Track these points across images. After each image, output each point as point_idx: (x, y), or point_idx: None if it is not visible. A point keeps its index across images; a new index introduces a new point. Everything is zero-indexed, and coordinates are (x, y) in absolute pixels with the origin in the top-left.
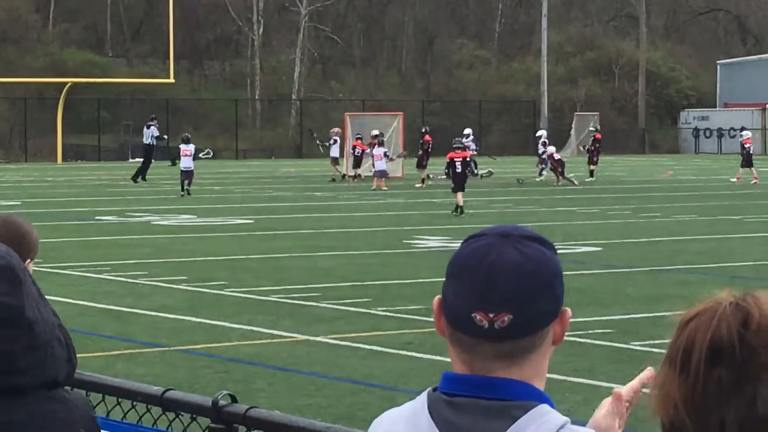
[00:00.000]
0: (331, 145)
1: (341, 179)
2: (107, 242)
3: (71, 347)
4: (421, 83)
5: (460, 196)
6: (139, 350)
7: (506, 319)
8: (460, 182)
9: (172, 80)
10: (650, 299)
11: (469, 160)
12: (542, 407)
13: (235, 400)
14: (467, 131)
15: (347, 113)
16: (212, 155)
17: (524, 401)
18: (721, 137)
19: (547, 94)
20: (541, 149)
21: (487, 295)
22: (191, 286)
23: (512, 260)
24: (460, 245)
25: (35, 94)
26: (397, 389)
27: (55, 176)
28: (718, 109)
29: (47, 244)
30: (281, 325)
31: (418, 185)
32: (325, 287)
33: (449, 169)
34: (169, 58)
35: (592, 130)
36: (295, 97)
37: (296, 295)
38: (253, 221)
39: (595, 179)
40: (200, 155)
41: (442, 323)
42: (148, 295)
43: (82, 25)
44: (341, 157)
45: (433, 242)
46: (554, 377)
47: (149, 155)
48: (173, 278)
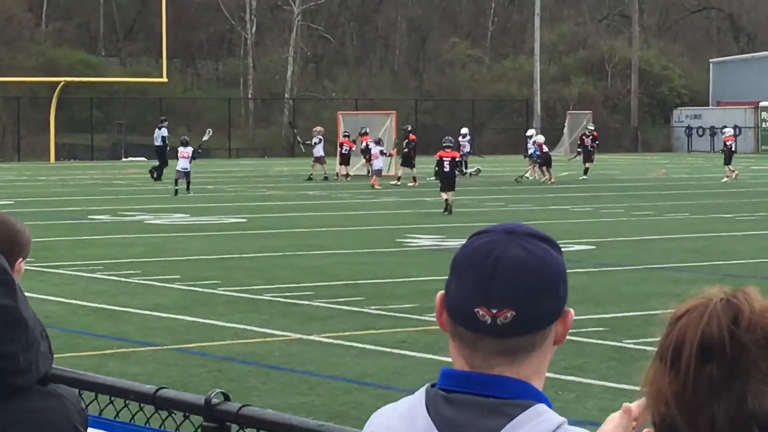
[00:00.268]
0: (316, 144)
1: (322, 179)
2: (100, 241)
3: (48, 337)
4: (413, 82)
5: (450, 194)
6: (132, 349)
7: (509, 315)
8: (447, 181)
9: (165, 79)
10: (643, 297)
11: (458, 160)
12: (539, 406)
13: (228, 398)
14: (464, 131)
15: (340, 112)
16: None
17: (522, 400)
18: (713, 135)
19: (539, 93)
20: (531, 149)
21: (490, 290)
22: (184, 285)
23: (517, 257)
24: (465, 241)
25: (28, 93)
26: (390, 387)
27: (48, 175)
28: (710, 107)
29: (40, 243)
30: (274, 323)
31: (410, 184)
32: (318, 286)
33: (438, 167)
34: (162, 57)
35: (591, 128)
36: (288, 96)
37: (289, 293)
38: (246, 220)
39: (587, 177)
40: (203, 138)
41: (443, 318)
42: (141, 294)
43: (74, 24)
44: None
45: (425, 241)
46: (546, 375)
47: (162, 156)
48: (166, 277)
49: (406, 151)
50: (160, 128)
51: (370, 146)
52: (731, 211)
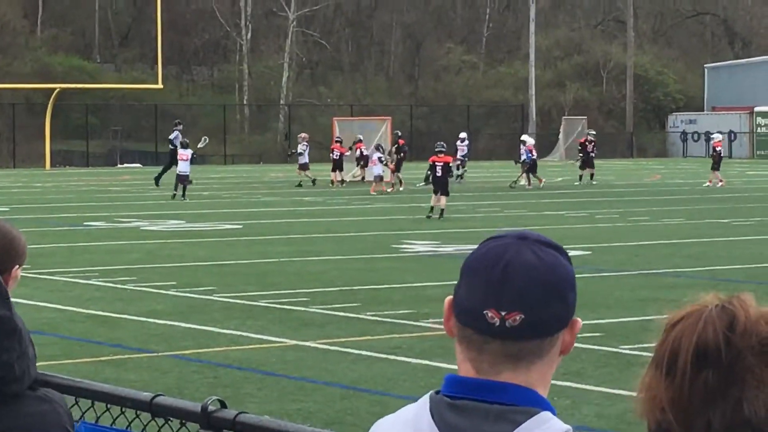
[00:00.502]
0: (303, 152)
1: (311, 183)
2: (96, 248)
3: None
4: (408, 88)
5: (444, 200)
6: (128, 356)
7: (518, 318)
8: (440, 186)
9: (160, 86)
10: (639, 303)
11: (450, 165)
12: (545, 414)
13: (224, 405)
14: (462, 135)
15: (335, 118)
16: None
17: (527, 407)
18: (708, 141)
19: (535, 98)
20: (523, 155)
21: (500, 292)
22: (180, 291)
23: (528, 261)
24: (477, 245)
25: (23, 100)
26: (386, 394)
27: (43, 182)
28: (705, 112)
29: (36, 249)
30: (270, 330)
31: (401, 188)
32: (313, 292)
33: (431, 172)
34: (157, 63)
35: (593, 134)
36: (283, 102)
37: (285, 300)
38: (241, 226)
39: (582, 183)
40: (199, 145)
41: (451, 323)
42: (137, 300)
43: (70, 30)
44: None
45: (421, 247)
46: None
47: (171, 158)
48: (162, 284)
49: (401, 156)
50: (173, 131)
51: (365, 153)
52: (727, 216)
